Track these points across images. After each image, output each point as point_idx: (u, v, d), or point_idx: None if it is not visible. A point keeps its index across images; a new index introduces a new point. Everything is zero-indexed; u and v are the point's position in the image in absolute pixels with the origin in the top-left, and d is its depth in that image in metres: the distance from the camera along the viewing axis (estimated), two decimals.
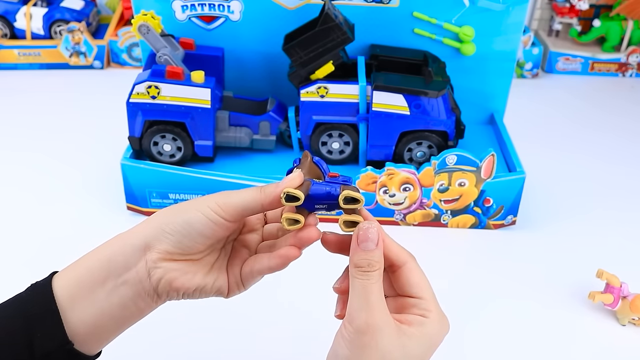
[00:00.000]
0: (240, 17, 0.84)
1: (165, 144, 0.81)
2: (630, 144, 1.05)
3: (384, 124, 0.79)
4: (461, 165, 0.78)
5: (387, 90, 0.77)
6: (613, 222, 0.85)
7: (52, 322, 0.42)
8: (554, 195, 0.90)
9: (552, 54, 1.27)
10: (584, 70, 1.28)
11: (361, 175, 0.79)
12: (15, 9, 1.24)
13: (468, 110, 0.90)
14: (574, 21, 1.28)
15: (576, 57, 1.27)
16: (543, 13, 1.33)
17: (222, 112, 0.82)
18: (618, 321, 0.69)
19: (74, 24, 1.22)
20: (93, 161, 0.94)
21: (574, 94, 1.21)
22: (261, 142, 0.84)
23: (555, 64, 1.28)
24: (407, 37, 0.85)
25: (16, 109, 1.11)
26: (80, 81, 1.21)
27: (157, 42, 0.79)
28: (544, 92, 1.21)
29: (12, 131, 1.04)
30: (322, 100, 0.79)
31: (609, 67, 1.27)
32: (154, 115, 0.79)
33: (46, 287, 0.43)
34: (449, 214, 0.82)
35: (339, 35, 0.76)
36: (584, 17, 1.29)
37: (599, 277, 0.69)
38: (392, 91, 0.77)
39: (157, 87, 0.77)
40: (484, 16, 0.83)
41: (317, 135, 0.82)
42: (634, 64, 1.27)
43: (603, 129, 1.09)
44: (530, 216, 0.85)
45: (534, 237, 0.82)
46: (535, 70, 1.25)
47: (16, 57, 1.24)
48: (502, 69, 0.88)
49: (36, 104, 1.12)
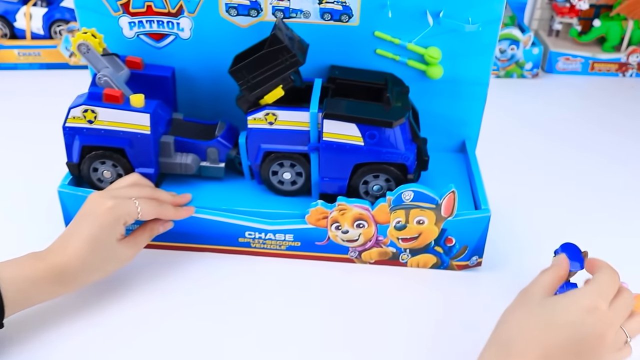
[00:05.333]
0: (191, 35, 0.79)
1: (106, 171, 0.76)
2: (630, 143, 1.04)
3: (336, 155, 0.72)
4: (419, 202, 0.71)
5: (339, 118, 0.70)
6: (613, 222, 0.85)
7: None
8: (547, 186, 0.90)
9: (552, 54, 1.27)
10: (584, 70, 1.28)
11: (310, 210, 0.73)
12: (15, 8, 1.24)
13: (438, 137, 0.83)
14: (574, 21, 1.28)
15: (576, 57, 1.27)
16: (543, 13, 1.33)
17: (167, 137, 0.76)
18: None
19: (74, 24, 1.21)
20: None
21: (574, 94, 1.21)
22: (209, 170, 0.79)
23: (556, 64, 1.28)
24: (369, 58, 0.79)
25: (16, 109, 1.11)
26: (80, 81, 1.17)
27: (98, 62, 0.74)
28: (544, 92, 1.21)
29: (11, 132, 1.03)
30: (271, 128, 0.73)
31: (609, 67, 1.27)
32: (91, 140, 0.74)
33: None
34: (408, 252, 0.76)
35: (288, 58, 0.70)
36: (584, 17, 1.29)
37: None
38: (344, 120, 0.70)
39: (94, 111, 0.72)
40: (452, 36, 0.76)
41: (267, 164, 0.76)
42: (634, 64, 1.26)
43: (603, 128, 1.08)
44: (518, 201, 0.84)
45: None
46: (535, 70, 1.25)
47: (16, 57, 1.24)
48: (473, 93, 0.81)
49: (36, 105, 1.12)
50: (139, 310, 0.70)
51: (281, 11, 0.76)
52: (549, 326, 0.51)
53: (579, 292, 0.55)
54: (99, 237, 0.66)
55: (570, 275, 0.65)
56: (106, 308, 0.69)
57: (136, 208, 0.68)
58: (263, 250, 0.77)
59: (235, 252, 0.78)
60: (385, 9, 0.74)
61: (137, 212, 0.69)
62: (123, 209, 0.67)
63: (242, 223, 0.75)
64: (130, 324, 0.68)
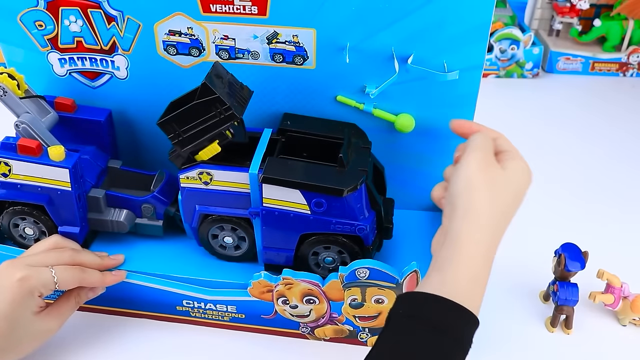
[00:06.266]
0: (128, 74, 0.69)
1: (27, 227, 0.68)
2: (631, 143, 1.04)
3: (279, 224, 0.62)
4: (376, 280, 0.61)
5: (280, 184, 0.60)
6: (613, 222, 0.85)
7: None
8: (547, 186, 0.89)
9: (552, 54, 1.25)
10: (585, 70, 1.26)
11: (253, 283, 0.63)
12: None
13: (411, 195, 0.72)
14: (574, 21, 1.27)
15: (577, 57, 1.25)
16: (543, 13, 1.32)
17: (97, 190, 0.67)
18: (619, 321, 0.70)
19: None
20: None
21: (574, 93, 1.20)
22: (146, 228, 0.70)
23: (556, 64, 1.26)
24: (328, 105, 0.68)
25: None
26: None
27: (17, 106, 0.65)
28: (545, 92, 1.20)
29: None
30: (207, 188, 0.63)
31: (610, 66, 1.26)
32: (7, 195, 0.65)
33: None
34: (367, 331, 0.65)
35: (222, 112, 0.59)
36: (585, 16, 1.28)
37: (600, 278, 0.69)
38: (287, 185, 0.60)
39: (7, 163, 0.64)
40: (426, 84, 0.65)
41: (205, 226, 0.66)
42: (635, 64, 1.25)
43: (603, 128, 1.08)
44: None
45: (524, 221, 0.69)
46: (535, 70, 1.24)
47: None
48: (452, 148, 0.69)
49: None
50: None
51: (226, 51, 0.66)
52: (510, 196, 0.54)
53: (521, 167, 0.56)
54: (10, 315, 0.58)
55: (571, 275, 0.67)
56: None
57: (52, 277, 0.60)
58: (204, 320, 0.68)
59: (175, 320, 0.69)
60: (344, 52, 0.63)
61: (54, 282, 0.60)
62: (35, 280, 0.59)
63: (179, 291, 0.66)
64: None
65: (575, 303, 0.67)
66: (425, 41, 0.62)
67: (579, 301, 0.67)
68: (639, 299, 0.68)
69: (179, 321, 0.69)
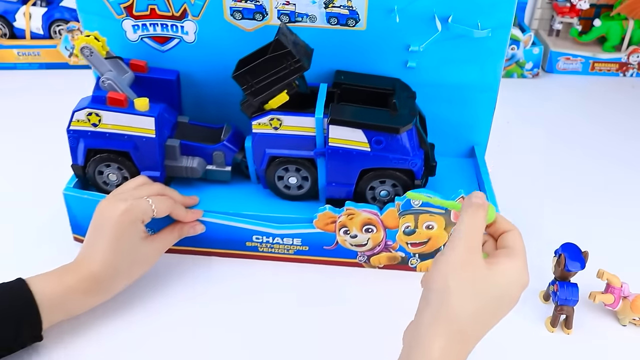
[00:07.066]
0: (195, 38, 0.78)
1: (111, 174, 0.76)
2: (631, 143, 1.04)
3: (342, 161, 0.72)
4: (428, 208, 0.70)
5: (345, 124, 0.69)
6: (614, 222, 0.85)
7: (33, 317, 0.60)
8: (548, 186, 0.91)
9: (552, 54, 1.26)
10: (585, 70, 1.27)
11: (319, 215, 0.72)
12: (14, 8, 1.24)
13: (447, 143, 0.83)
14: (574, 21, 1.28)
15: (577, 57, 1.26)
16: (543, 13, 1.33)
17: (172, 140, 0.76)
18: (619, 321, 0.70)
19: (74, 24, 1.21)
20: None
21: (574, 93, 1.21)
22: (216, 174, 0.78)
23: (556, 64, 1.27)
24: (376, 63, 0.78)
25: (15, 108, 1.11)
26: (79, 81, 1.16)
27: (102, 65, 0.73)
28: (545, 92, 1.21)
29: (11, 131, 1.03)
30: (276, 133, 0.73)
31: (610, 66, 1.27)
32: (96, 143, 0.73)
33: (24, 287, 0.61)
34: (417, 257, 0.75)
35: (292, 64, 0.69)
36: (585, 16, 1.29)
37: (600, 278, 0.68)
38: (350, 125, 0.69)
39: (98, 114, 0.72)
40: (461, 42, 0.75)
41: (272, 168, 0.75)
42: (635, 64, 1.26)
43: (604, 128, 1.08)
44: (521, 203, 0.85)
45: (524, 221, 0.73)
46: (535, 70, 1.25)
47: (15, 56, 1.24)
48: (483, 99, 0.80)
49: (35, 104, 1.12)
50: (146, 315, 0.70)
51: (287, 15, 0.75)
52: (493, 300, 0.49)
53: (515, 268, 0.51)
54: (122, 241, 0.66)
55: (571, 275, 0.67)
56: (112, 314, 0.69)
57: (150, 206, 0.68)
58: (271, 254, 0.77)
59: (243, 256, 0.77)
60: (393, 13, 0.73)
61: (152, 210, 0.68)
62: (138, 209, 0.67)
63: (249, 227, 0.75)
64: (135, 330, 0.68)
65: (575, 303, 0.67)
66: (461, 3, 0.73)
67: (579, 301, 0.67)
68: (639, 299, 0.67)
69: (247, 257, 0.78)
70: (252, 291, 0.74)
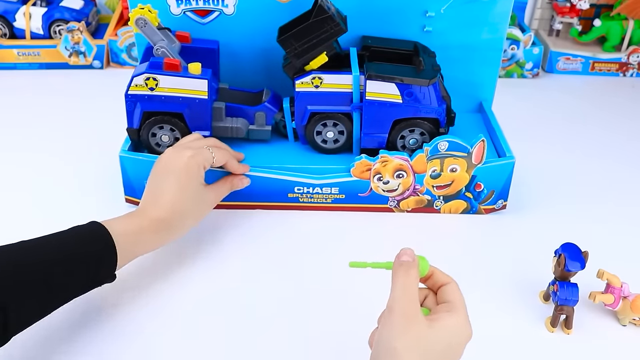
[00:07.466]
0: (234, 11, 0.86)
1: (164, 135, 0.83)
2: (630, 143, 1.05)
3: (378, 113, 0.81)
4: (452, 152, 0.80)
5: (380, 79, 0.79)
6: (614, 222, 0.85)
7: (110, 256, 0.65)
8: (548, 186, 0.92)
9: (552, 54, 1.27)
10: (585, 70, 1.28)
11: (355, 163, 0.81)
12: (14, 8, 1.25)
13: (457, 100, 0.92)
14: (574, 21, 1.28)
15: (577, 57, 1.27)
16: (543, 13, 1.33)
17: (218, 103, 0.83)
18: (619, 321, 0.70)
19: (74, 24, 1.23)
20: (92, 159, 0.96)
21: (574, 93, 1.21)
22: (257, 133, 0.86)
23: (556, 64, 1.28)
24: (397, 29, 0.88)
25: (15, 108, 1.12)
26: (79, 81, 1.22)
27: (154, 35, 0.80)
28: (545, 92, 1.22)
29: (11, 131, 1.05)
30: (317, 91, 0.81)
31: (610, 66, 1.27)
32: (152, 106, 0.80)
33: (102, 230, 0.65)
34: (441, 199, 0.84)
35: (333, 27, 0.78)
36: (585, 16, 1.29)
37: (600, 277, 0.68)
38: (385, 80, 0.79)
39: (155, 78, 0.79)
40: (470, 7, 0.86)
41: (312, 124, 0.84)
42: (635, 64, 1.27)
43: (604, 128, 1.09)
44: (521, 203, 0.88)
45: (525, 221, 0.85)
46: (535, 70, 1.25)
47: (15, 56, 1.25)
48: (489, 58, 0.90)
49: (35, 104, 1.13)
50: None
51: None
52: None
53: (456, 323, 0.51)
54: (188, 184, 0.73)
55: (571, 275, 0.67)
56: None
57: (211, 154, 0.75)
58: (310, 204, 0.85)
59: (284, 207, 0.85)
60: None
61: (212, 157, 0.76)
62: (201, 156, 0.74)
63: (291, 179, 0.83)
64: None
65: (575, 303, 0.67)
66: None
67: (579, 301, 0.67)
68: (639, 299, 0.67)
69: (288, 208, 0.86)
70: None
